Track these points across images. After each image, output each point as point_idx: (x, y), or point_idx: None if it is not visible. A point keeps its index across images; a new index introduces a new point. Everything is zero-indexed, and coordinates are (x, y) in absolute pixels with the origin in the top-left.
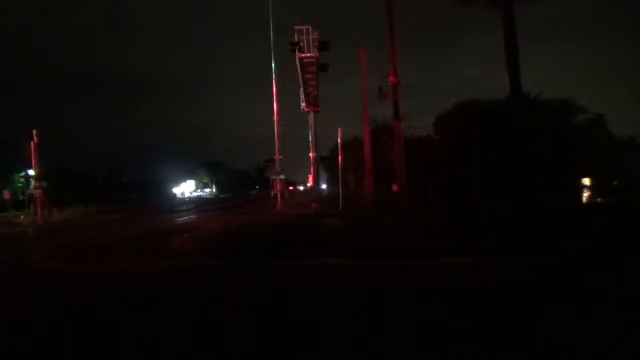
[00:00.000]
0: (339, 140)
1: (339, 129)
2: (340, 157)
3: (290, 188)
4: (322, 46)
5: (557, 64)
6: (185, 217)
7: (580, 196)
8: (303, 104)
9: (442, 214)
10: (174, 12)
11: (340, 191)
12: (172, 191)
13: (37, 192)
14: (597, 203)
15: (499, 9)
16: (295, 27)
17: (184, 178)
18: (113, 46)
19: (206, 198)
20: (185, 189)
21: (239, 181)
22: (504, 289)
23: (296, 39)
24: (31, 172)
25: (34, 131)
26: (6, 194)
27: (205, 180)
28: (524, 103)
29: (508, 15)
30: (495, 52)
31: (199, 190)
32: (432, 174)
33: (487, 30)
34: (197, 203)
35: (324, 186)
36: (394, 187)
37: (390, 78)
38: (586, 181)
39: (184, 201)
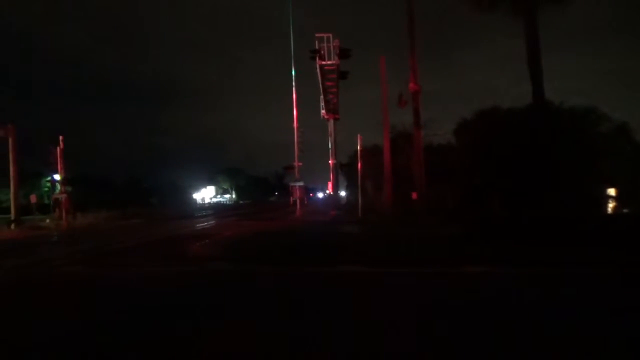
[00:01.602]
0: (358, 147)
1: (359, 136)
2: (359, 164)
3: (311, 195)
4: (343, 54)
5: (581, 70)
6: (205, 223)
7: (606, 206)
8: (323, 111)
9: (462, 222)
10: (194, 18)
11: (360, 198)
12: (192, 197)
13: (62, 197)
14: (623, 213)
15: (521, 16)
16: (316, 35)
17: (204, 184)
18: (133, 53)
19: (226, 204)
20: (205, 194)
21: (258, 187)
22: (523, 298)
23: (317, 47)
24: (57, 177)
25: (60, 137)
26: (32, 198)
27: (225, 186)
28: (547, 111)
29: (530, 22)
30: (517, 59)
31: (218, 196)
32: (452, 181)
33: (508, 37)
34: (216, 209)
35: (343, 193)
36: (414, 195)
37: (411, 85)
38: (611, 191)
39: (203, 207)
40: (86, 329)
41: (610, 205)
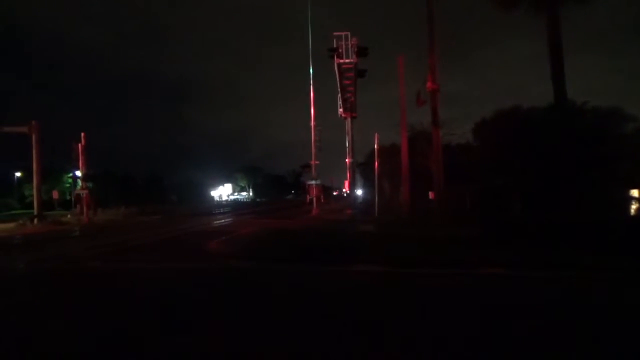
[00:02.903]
0: (375, 146)
1: (376, 134)
2: (376, 163)
3: (335, 193)
4: (361, 52)
5: (606, 70)
6: (223, 220)
7: (628, 209)
8: (340, 110)
9: (480, 224)
10: (214, 16)
11: (376, 198)
12: (210, 194)
13: (84, 193)
14: None
15: (543, 14)
16: (334, 33)
17: (222, 181)
18: (154, 51)
19: (243, 202)
20: (223, 192)
21: (275, 186)
22: (538, 301)
23: (335, 45)
24: (78, 173)
25: (82, 134)
26: (54, 194)
27: (242, 184)
28: (569, 111)
29: (553, 20)
30: (538, 59)
31: (236, 194)
32: (471, 181)
33: (529, 36)
34: (234, 206)
35: (359, 192)
36: (431, 195)
37: (429, 84)
38: (634, 193)
39: (221, 204)
40: (94, 325)
41: (634, 207)
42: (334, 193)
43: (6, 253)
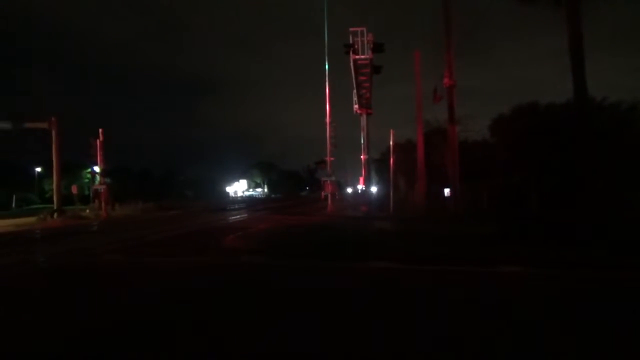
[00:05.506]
0: (391, 142)
1: (391, 131)
2: (392, 160)
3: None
4: (377, 48)
5: (628, 66)
6: (238, 216)
7: None
8: (356, 106)
9: (497, 221)
10: (232, 12)
11: (392, 194)
12: (225, 190)
13: (102, 188)
14: None
15: (563, 8)
16: (350, 29)
17: (237, 177)
18: (171, 47)
19: (258, 198)
20: (238, 188)
21: (290, 182)
22: (554, 299)
23: (351, 41)
24: (97, 168)
25: (100, 130)
26: (74, 189)
27: (257, 180)
28: (589, 107)
29: (574, 14)
30: (558, 55)
31: (251, 190)
32: (487, 178)
33: (548, 31)
34: (249, 202)
35: (374, 189)
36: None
37: (446, 80)
38: None
39: (236, 200)
40: (116, 314)
41: None
42: (349, 190)
43: (28, 247)
